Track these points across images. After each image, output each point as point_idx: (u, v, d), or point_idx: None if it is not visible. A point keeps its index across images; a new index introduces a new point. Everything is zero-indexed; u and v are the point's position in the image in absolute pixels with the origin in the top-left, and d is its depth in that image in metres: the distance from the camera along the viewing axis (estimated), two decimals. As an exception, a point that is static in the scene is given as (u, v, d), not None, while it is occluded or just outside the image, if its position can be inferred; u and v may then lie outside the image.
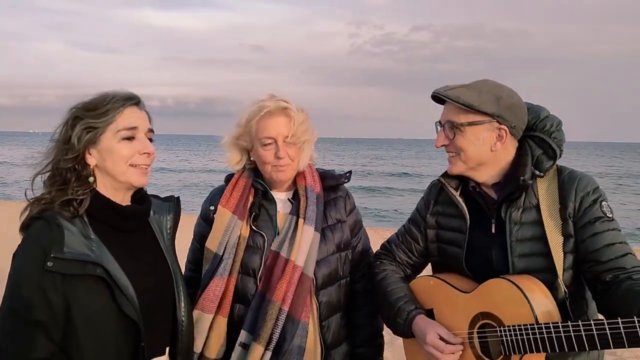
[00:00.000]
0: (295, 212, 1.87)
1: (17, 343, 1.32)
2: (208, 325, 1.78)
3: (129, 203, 1.58)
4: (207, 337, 1.79)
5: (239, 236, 1.82)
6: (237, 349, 1.77)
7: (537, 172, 1.62)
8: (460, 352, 1.63)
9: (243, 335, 1.77)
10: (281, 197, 1.92)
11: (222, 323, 1.80)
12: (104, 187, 1.51)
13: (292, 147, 1.82)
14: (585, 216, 1.56)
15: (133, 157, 1.51)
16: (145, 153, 1.52)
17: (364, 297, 1.97)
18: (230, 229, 1.82)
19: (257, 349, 1.72)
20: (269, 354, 1.72)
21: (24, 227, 1.44)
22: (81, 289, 1.37)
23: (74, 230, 1.41)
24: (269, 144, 1.80)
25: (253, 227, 1.84)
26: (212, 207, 1.88)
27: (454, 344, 1.63)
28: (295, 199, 1.91)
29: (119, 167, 1.50)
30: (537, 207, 1.61)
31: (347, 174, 2.01)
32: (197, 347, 1.78)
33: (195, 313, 1.76)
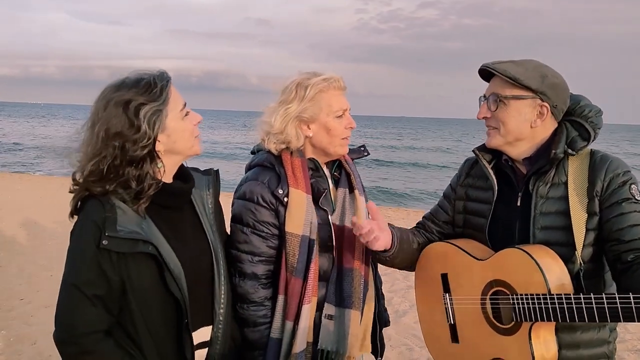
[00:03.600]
0: (346, 184, 1.97)
1: (81, 316, 1.40)
2: (312, 310, 1.82)
3: (172, 179, 1.60)
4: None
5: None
6: (326, 322, 1.85)
7: (569, 150, 1.65)
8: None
9: (329, 308, 1.86)
10: (327, 173, 1.98)
11: (315, 304, 1.83)
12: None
13: None
14: (613, 196, 1.59)
15: (194, 130, 1.58)
16: (197, 122, 1.60)
17: None
18: (310, 210, 1.83)
19: (355, 315, 1.85)
20: (360, 316, 1.87)
21: (77, 208, 1.49)
22: (133, 266, 1.44)
23: (126, 209, 1.45)
24: (341, 115, 1.87)
25: (319, 205, 1.88)
26: (280, 191, 1.81)
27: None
28: (339, 173, 1.99)
29: (188, 142, 1.57)
30: (565, 184, 1.65)
31: (364, 148, 2.10)
32: (310, 337, 1.82)
33: (309, 305, 1.80)
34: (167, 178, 1.57)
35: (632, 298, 1.33)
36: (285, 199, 1.81)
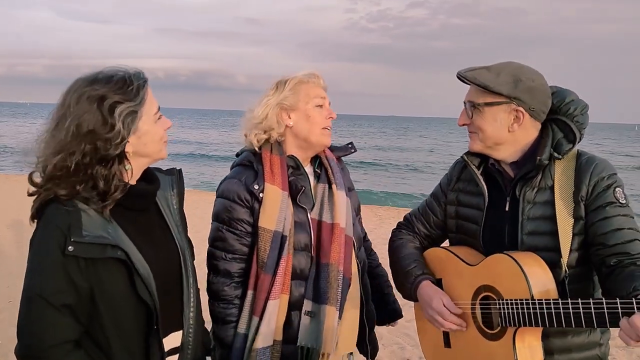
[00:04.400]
0: (325, 180, 1.97)
1: (49, 327, 1.33)
2: (282, 307, 1.82)
3: (135, 182, 1.54)
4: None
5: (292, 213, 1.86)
6: (305, 318, 1.85)
7: (555, 154, 1.65)
8: (460, 325, 1.71)
9: (308, 305, 1.85)
10: (309, 170, 1.99)
11: (285, 301, 1.83)
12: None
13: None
14: (597, 200, 1.59)
15: (164, 135, 1.53)
16: (167, 128, 1.55)
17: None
18: (285, 206, 1.83)
19: (332, 311, 1.83)
20: (337, 312, 1.84)
21: (37, 212, 1.40)
22: (103, 272, 1.37)
23: (90, 213, 1.38)
24: (321, 105, 1.92)
25: (298, 203, 1.88)
26: (256, 187, 1.83)
27: (455, 314, 1.71)
28: (319, 169, 2.00)
29: (157, 147, 1.51)
30: (552, 189, 1.65)
31: (351, 145, 2.12)
32: (278, 335, 1.82)
33: (276, 301, 1.80)
34: (133, 180, 1.51)
35: (619, 303, 1.32)
36: (261, 195, 1.83)
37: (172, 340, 1.54)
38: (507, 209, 1.72)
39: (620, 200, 1.58)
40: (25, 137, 1.43)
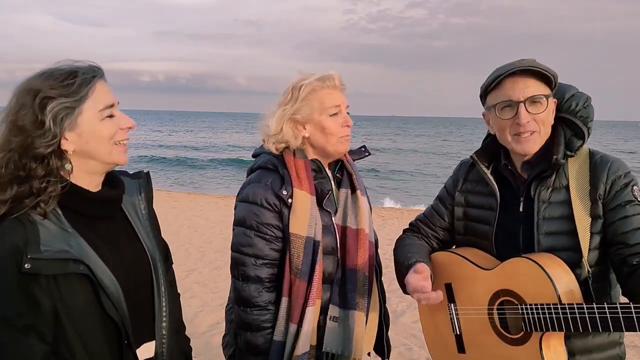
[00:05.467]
0: (348, 185, 1.95)
1: (13, 351, 1.25)
2: (316, 312, 1.80)
3: (99, 187, 1.44)
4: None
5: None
6: (330, 324, 1.83)
7: (567, 152, 1.64)
8: (438, 298, 1.69)
9: (334, 310, 1.84)
10: (330, 175, 1.96)
11: (319, 306, 1.81)
12: (77, 173, 1.37)
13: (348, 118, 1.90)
14: (616, 199, 1.57)
15: (116, 134, 1.40)
16: (127, 127, 1.43)
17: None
18: (315, 212, 1.81)
19: (360, 317, 1.83)
20: (365, 317, 1.85)
21: None
22: (65, 288, 1.28)
23: (48, 225, 1.29)
24: (336, 113, 1.85)
25: (323, 207, 1.86)
26: (284, 192, 1.79)
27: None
28: (341, 174, 1.97)
29: (105, 148, 1.38)
30: (567, 188, 1.63)
31: (364, 148, 2.09)
32: (313, 340, 1.81)
33: (313, 307, 1.78)
34: (92, 186, 1.41)
35: None
36: (290, 200, 1.79)
37: (146, 351, 1.47)
38: (521, 209, 1.69)
39: (639, 199, 1.57)
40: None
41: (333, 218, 1.88)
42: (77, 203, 1.36)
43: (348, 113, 1.90)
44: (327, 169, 1.93)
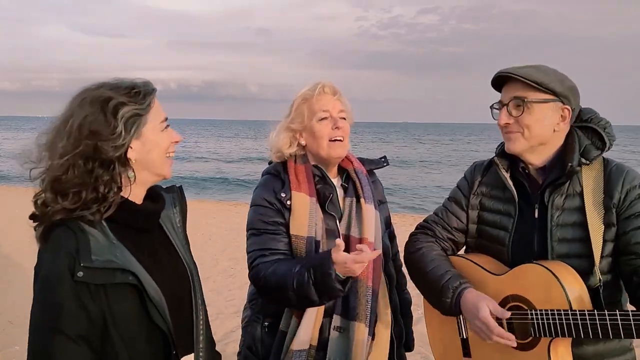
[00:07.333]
0: (353, 193, 1.95)
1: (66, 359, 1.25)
2: (319, 313, 1.81)
3: (142, 200, 1.46)
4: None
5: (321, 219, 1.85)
6: (334, 333, 1.83)
7: (583, 160, 1.64)
8: (508, 338, 1.57)
9: (337, 320, 1.84)
10: (336, 183, 1.97)
11: (322, 309, 1.82)
12: (127, 184, 1.39)
13: (344, 122, 1.90)
14: (630, 209, 1.58)
15: (169, 147, 1.45)
16: (175, 142, 1.47)
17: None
18: (314, 213, 1.83)
19: (361, 327, 1.81)
20: (367, 329, 1.82)
21: (43, 237, 1.32)
22: (113, 297, 1.30)
23: (97, 236, 1.30)
24: (325, 118, 1.88)
25: (327, 210, 1.87)
26: (283, 194, 1.84)
27: (503, 318, 1.60)
28: (347, 182, 1.98)
29: (160, 159, 1.43)
30: (581, 195, 1.64)
31: (384, 158, 2.10)
32: (314, 340, 1.82)
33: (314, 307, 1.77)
34: (138, 199, 1.43)
35: None
36: (288, 202, 1.83)
37: None
38: (536, 216, 1.70)
39: None
40: (24, 144, 1.36)
41: (338, 224, 1.89)
42: (123, 215, 1.37)
43: (344, 118, 1.91)
44: (330, 176, 1.95)
